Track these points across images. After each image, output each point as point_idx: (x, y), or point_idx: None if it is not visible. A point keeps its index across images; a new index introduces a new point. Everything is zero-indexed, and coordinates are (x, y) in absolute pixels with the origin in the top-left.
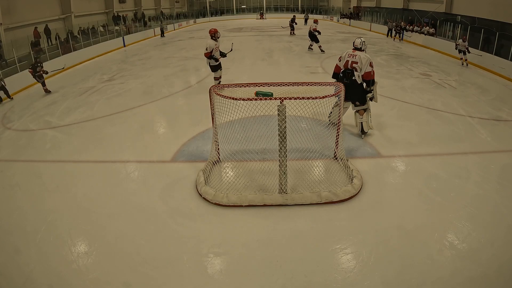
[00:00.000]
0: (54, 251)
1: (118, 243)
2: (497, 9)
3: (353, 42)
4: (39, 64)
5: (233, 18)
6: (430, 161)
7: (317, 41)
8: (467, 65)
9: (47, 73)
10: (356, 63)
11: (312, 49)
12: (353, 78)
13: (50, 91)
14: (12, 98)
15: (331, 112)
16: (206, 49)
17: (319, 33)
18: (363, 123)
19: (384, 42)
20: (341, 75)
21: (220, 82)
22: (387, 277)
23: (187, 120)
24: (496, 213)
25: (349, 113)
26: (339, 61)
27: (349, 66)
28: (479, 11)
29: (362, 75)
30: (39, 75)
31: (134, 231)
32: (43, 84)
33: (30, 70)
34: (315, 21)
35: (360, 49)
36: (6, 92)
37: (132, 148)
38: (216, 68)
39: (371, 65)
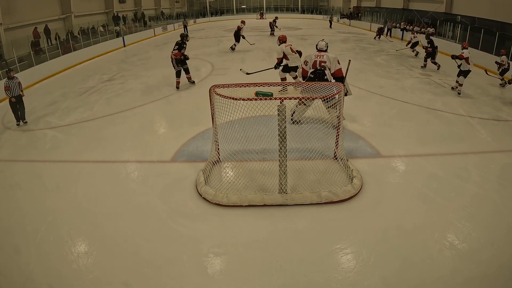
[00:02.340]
0: (54, 251)
1: (118, 243)
2: (497, 9)
3: (316, 45)
4: (184, 45)
5: (233, 18)
6: (430, 161)
7: (238, 41)
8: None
9: (187, 58)
10: (325, 62)
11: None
12: (325, 77)
13: (194, 82)
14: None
15: (294, 112)
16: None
17: (243, 37)
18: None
19: (384, 42)
20: (311, 75)
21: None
22: (387, 277)
23: (187, 120)
24: (496, 213)
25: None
26: (305, 65)
27: (317, 66)
28: (479, 11)
29: (333, 73)
30: (180, 59)
31: (134, 231)
32: (186, 72)
33: (176, 52)
34: (242, 21)
35: (325, 51)
36: (21, 111)
37: (132, 148)
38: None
39: (338, 62)
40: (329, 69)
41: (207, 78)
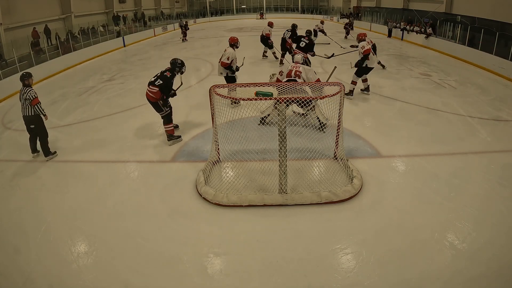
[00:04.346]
0: (54, 251)
1: (118, 243)
2: (497, 9)
3: (293, 58)
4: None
5: (233, 18)
6: (430, 161)
7: (270, 47)
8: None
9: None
10: (300, 72)
11: (266, 56)
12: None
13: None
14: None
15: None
16: (227, 59)
17: (271, 43)
18: (318, 117)
19: (385, 42)
20: None
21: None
22: (387, 277)
23: (187, 120)
24: (496, 213)
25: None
26: (280, 75)
27: (292, 74)
28: (479, 11)
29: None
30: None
31: (134, 231)
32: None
33: (156, 91)
34: (270, 24)
35: (301, 64)
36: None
37: (132, 148)
38: (232, 80)
39: (315, 73)
40: (304, 80)
41: (207, 78)
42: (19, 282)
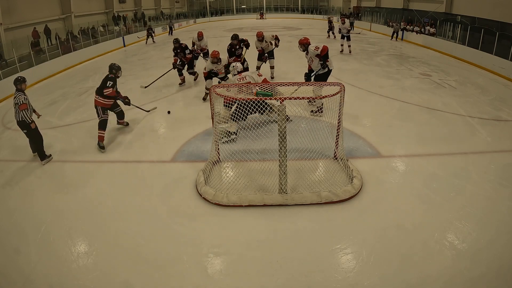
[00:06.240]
0: (54, 251)
1: (118, 243)
2: (497, 9)
3: (236, 67)
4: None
5: (233, 18)
6: (430, 161)
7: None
8: None
9: (128, 102)
10: (249, 82)
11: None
12: None
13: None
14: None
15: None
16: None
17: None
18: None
19: (385, 42)
20: None
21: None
22: (387, 277)
23: (187, 120)
24: (497, 213)
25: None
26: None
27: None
28: (479, 11)
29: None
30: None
31: (134, 231)
32: (120, 116)
33: (111, 91)
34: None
35: (246, 70)
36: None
37: (132, 148)
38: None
39: (259, 74)
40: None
41: None
42: (19, 282)
